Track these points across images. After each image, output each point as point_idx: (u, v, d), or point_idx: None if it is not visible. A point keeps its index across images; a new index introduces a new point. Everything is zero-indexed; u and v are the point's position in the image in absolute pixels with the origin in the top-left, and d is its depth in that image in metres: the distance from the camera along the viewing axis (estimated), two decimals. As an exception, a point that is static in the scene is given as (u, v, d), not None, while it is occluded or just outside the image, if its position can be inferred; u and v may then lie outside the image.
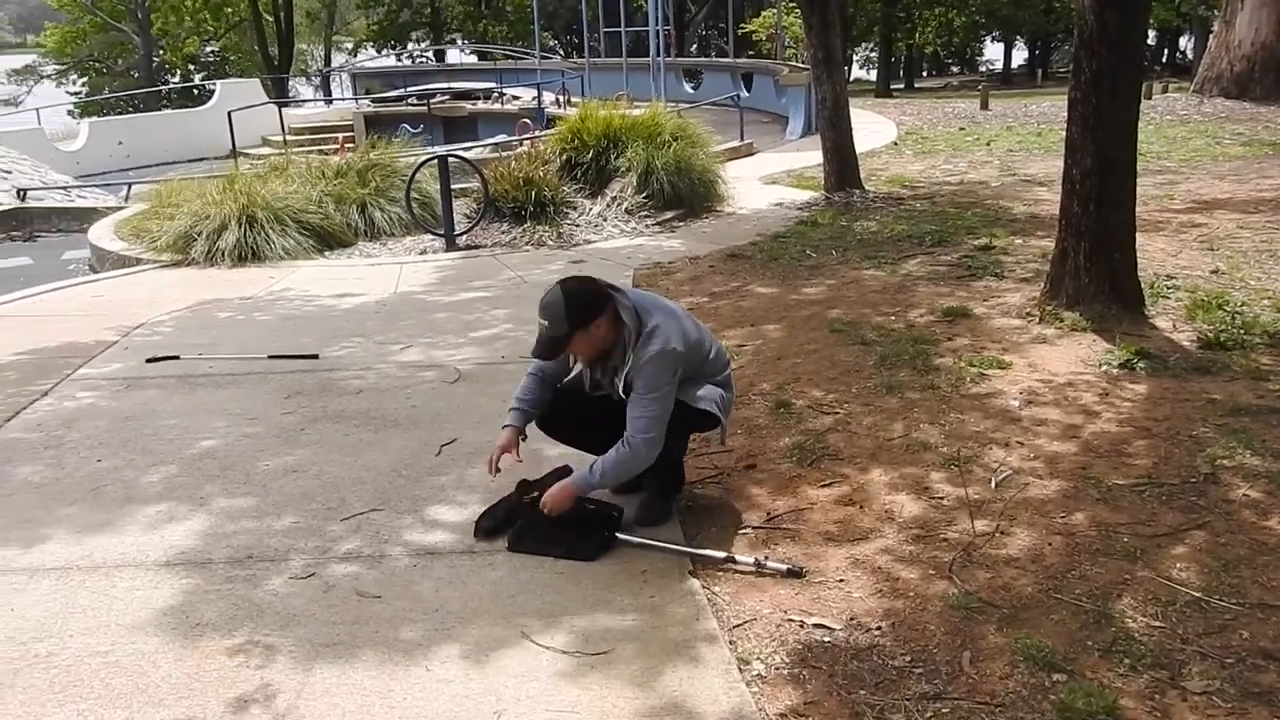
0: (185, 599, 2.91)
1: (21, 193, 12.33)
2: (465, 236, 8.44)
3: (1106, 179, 4.87)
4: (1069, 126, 4.98)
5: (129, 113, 27.13)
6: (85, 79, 35.55)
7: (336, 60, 42.34)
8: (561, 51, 36.75)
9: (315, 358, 5.25)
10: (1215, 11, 20.90)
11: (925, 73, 42.41)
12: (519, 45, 31.30)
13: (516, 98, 20.09)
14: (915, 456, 3.64)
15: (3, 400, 4.70)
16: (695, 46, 38.28)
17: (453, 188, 8.44)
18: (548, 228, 8.51)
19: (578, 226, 8.65)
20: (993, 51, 44.67)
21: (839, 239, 7.57)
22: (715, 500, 3.47)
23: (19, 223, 11.43)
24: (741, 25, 29.71)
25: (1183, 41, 36.02)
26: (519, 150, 11.02)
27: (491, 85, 21.86)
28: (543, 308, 3.04)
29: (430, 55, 38.44)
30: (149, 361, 5.24)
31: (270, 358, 5.24)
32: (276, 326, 6.00)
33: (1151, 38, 32.08)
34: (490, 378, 4.82)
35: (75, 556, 3.19)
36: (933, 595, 2.77)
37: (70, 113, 28.63)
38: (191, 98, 27.09)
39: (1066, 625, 2.59)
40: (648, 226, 8.71)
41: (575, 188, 9.11)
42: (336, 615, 2.81)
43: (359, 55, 40.85)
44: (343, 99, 26.36)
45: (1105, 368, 4.34)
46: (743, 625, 2.71)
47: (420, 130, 17.37)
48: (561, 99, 18.66)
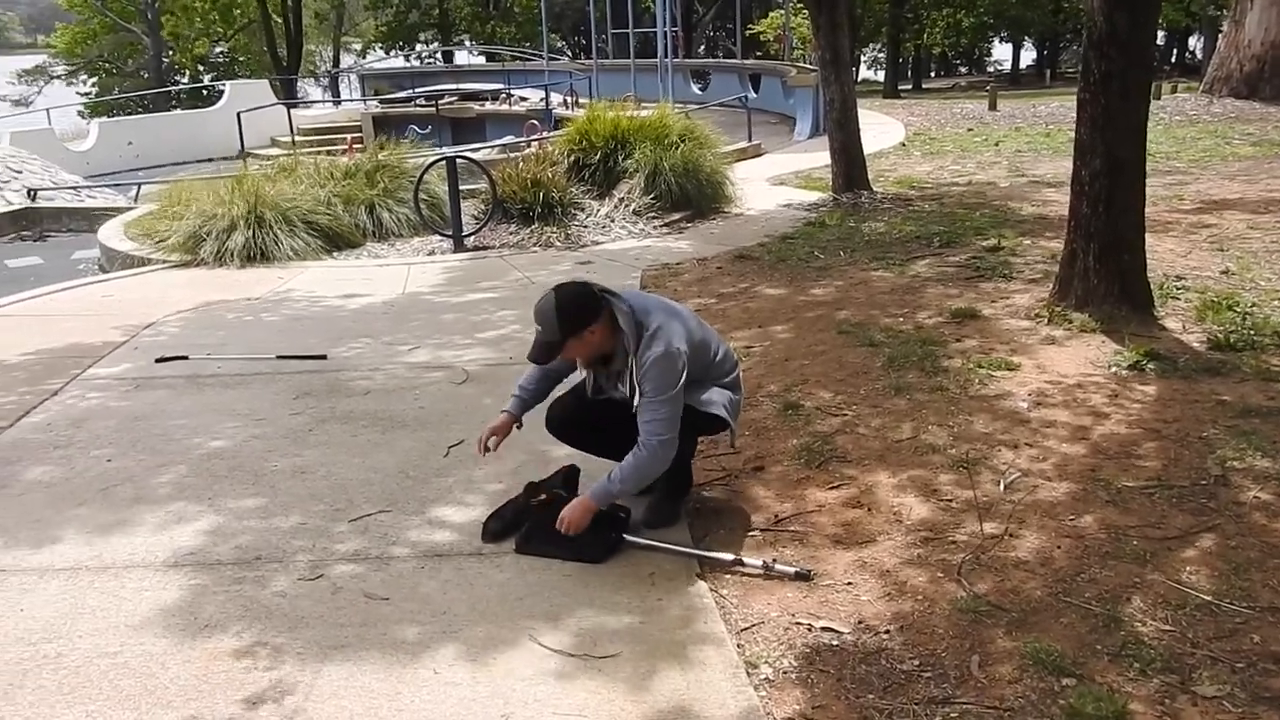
0: (193, 600, 2.92)
1: (32, 193, 12.39)
2: (473, 237, 8.44)
3: (1116, 180, 4.85)
4: (1078, 127, 4.97)
5: (139, 113, 27.22)
6: (95, 79, 35.68)
7: (345, 61, 42.53)
8: (569, 53, 36.83)
9: (323, 358, 5.26)
10: (1225, 11, 20.81)
11: (933, 73, 42.35)
12: (527, 46, 31.35)
13: (524, 99, 20.06)
14: (923, 458, 3.62)
15: (13, 400, 4.73)
16: (703, 47, 38.29)
17: (461, 189, 8.45)
18: (555, 229, 8.51)
19: (585, 228, 8.65)
20: (1001, 52, 44.67)
21: (847, 240, 7.56)
22: (723, 502, 3.47)
23: (29, 222, 11.49)
24: (749, 26, 29.72)
25: (1192, 41, 35.92)
26: (527, 151, 11.02)
27: (499, 86, 21.89)
28: (537, 313, 3.04)
29: (438, 56, 38.57)
30: (158, 361, 5.26)
31: (278, 358, 5.26)
32: (284, 327, 6.01)
33: (1161, 38, 32.01)
34: (498, 379, 4.82)
35: (84, 557, 3.20)
36: (941, 598, 2.76)
37: (80, 113, 28.68)
38: (201, 98, 27.12)
39: (1076, 629, 2.58)
40: (655, 228, 8.70)
41: (583, 189, 9.11)
42: (344, 617, 2.81)
43: (367, 56, 40.99)
44: (351, 100, 26.46)
45: (1114, 369, 4.32)
46: (750, 628, 2.70)
47: (428, 131, 17.40)
48: (569, 100, 18.67)
